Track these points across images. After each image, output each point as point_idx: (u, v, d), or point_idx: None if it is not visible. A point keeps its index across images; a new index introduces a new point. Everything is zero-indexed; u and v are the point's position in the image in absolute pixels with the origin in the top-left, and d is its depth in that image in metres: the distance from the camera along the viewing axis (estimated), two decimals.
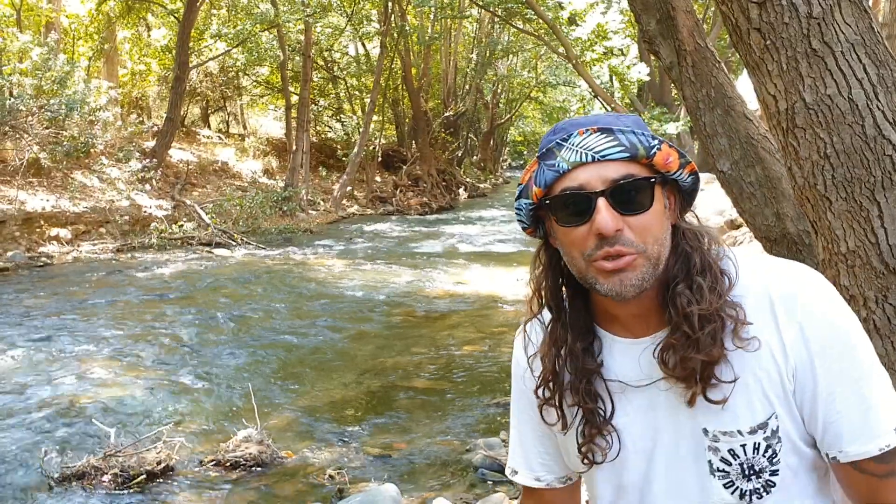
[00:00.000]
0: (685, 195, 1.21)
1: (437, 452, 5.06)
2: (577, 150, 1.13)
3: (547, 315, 1.28)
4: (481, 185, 31.09)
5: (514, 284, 10.90)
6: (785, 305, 1.13)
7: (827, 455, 1.14)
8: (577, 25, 14.14)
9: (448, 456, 5.00)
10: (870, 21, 2.32)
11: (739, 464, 1.14)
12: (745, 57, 2.47)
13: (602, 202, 1.10)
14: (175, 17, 19.51)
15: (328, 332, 8.25)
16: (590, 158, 1.12)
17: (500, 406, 5.86)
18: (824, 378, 1.11)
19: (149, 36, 22.72)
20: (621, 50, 15.31)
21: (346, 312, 9.13)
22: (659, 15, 4.39)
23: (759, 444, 1.13)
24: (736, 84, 4.74)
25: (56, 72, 13.72)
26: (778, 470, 1.14)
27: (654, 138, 1.15)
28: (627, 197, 1.11)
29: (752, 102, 4.04)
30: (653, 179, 1.13)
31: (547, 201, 1.17)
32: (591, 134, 1.13)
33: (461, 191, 27.79)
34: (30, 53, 13.58)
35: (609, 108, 15.51)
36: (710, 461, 1.16)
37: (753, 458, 1.13)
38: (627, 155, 1.12)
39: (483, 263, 12.85)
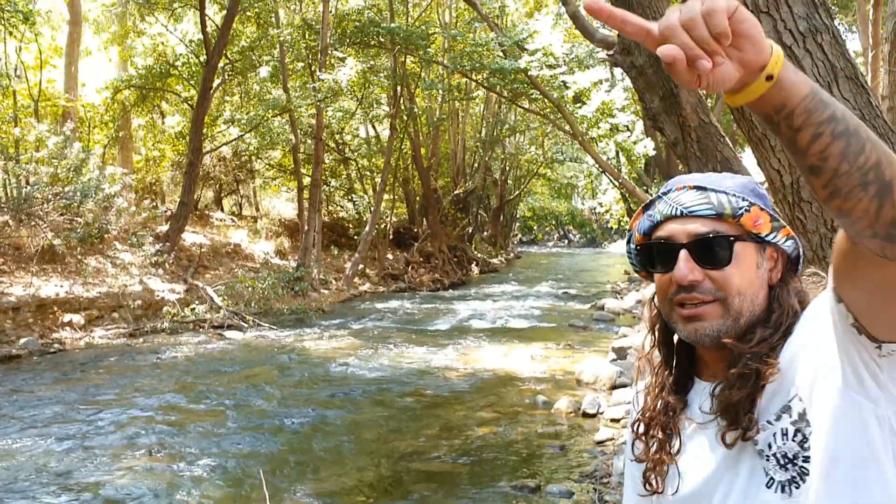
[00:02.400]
0: (792, 260, 1.28)
1: None
2: (670, 204, 1.25)
3: (656, 355, 1.37)
4: (493, 261, 31.15)
5: (529, 361, 10.79)
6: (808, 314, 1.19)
7: (835, 301, 1.07)
8: (583, 104, 14.38)
9: None
10: (868, 96, 2.34)
11: (773, 454, 1.15)
12: (748, 133, 2.50)
13: (683, 253, 1.21)
14: (189, 104, 19.99)
15: (341, 414, 8.14)
16: (678, 212, 1.23)
17: (518, 489, 5.72)
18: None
19: (163, 123, 23.26)
20: (627, 126, 15.51)
21: (359, 394, 9.03)
22: (662, 92, 4.46)
23: (786, 429, 1.14)
24: (742, 158, 4.78)
25: (71, 160, 14.00)
26: (809, 457, 1.11)
27: (744, 200, 1.22)
28: (708, 251, 1.20)
29: (757, 174, 4.05)
30: (732, 238, 1.21)
31: (638, 247, 1.31)
32: (688, 191, 1.24)
33: (473, 266, 27.84)
34: (46, 142, 13.88)
35: (616, 184, 15.64)
36: (764, 468, 1.17)
37: (784, 444, 1.14)
38: (714, 213, 1.21)
39: (497, 340, 12.75)
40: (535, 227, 57.15)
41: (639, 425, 1.36)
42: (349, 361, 10.86)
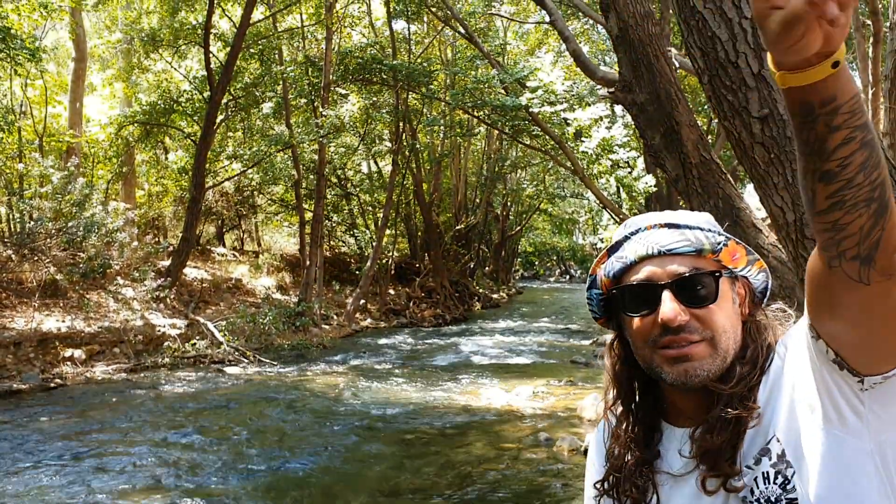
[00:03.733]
0: (757, 293, 1.25)
1: None
2: (644, 244, 1.19)
3: (619, 408, 1.31)
4: (494, 296, 31.12)
5: (531, 398, 10.71)
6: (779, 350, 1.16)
7: (812, 338, 1.04)
8: (583, 140, 14.47)
9: None
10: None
11: (756, 499, 1.11)
12: (751, 171, 2.51)
13: (667, 294, 1.15)
14: (192, 139, 20.14)
15: (341, 451, 8.07)
16: (656, 252, 1.18)
17: None
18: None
19: (166, 158, 23.40)
20: (627, 162, 15.60)
21: (359, 430, 8.96)
22: (663, 129, 4.49)
23: (767, 472, 1.10)
24: (744, 194, 4.79)
25: (75, 195, 14.06)
26: (795, 499, 1.08)
27: (720, 234, 1.20)
28: (692, 290, 1.16)
29: (760, 210, 4.06)
30: (717, 274, 1.17)
31: (614, 291, 1.23)
32: (659, 229, 1.20)
33: (475, 301, 27.80)
34: (50, 178, 13.95)
35: (618, 220, 15.68)
36: None
37: (766, 488, 1.10)
38: (693, 249, 1.17)
39: (499, 376, 12.68)
40: (536, 263, 57.20)
41: (605, 482, 1.29)
42: (350, 397, 10.79)
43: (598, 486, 1.30)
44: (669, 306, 1.13)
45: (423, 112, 23.17)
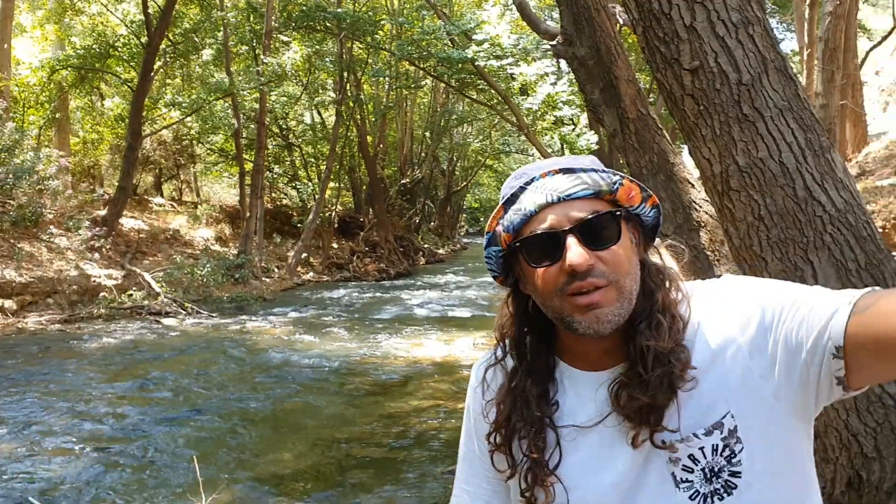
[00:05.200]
0: (648, 230, 1.24)
1: None
2: (543, 192, 1.15)
3: (510, 362, 1.28)
4: (439, 251, 31.21)
5: (471, 349, 10.85)
6: (722, 311, 1.14)
7: (831, 355, 1.04)
8: (529, 96, 14.47)
9: None
10: (796, 88, 2.40)
11: (701, 469, 1.11)
12: (681, 122, 2.54)
13: (572, 239, 1.11)
14: (129, 86, 19.51)
15: (279, 402, 8.07)
16: (556, 199, 1.14)
17: (454, 473, 5.76)
18: (779, 308, 1.09)
19: (102, 105, 22.64)
20: (571, 119, 15.67)
21: (298, 382, 8.96)
22: (602, 84, 4.51)
23: (717, 445, 1.11)
24: (683, 152, 4.86)
25: (4, 140, 13.54)
26: (739, 472, 1.10)
27: (615, 174, 1.17)
28: (595, 232, 1.13)
29: (695, 169, 4.14)
30: (618, 213, 1.15)
31: (517, 244, 1.17)
32: (554, 175, 1.16)
33: (419, 256, 27.84)
34: None
35: None
36: (672, 474, 1.13)
37: (713, 459, 1.11)
38: (591, 192, 1.15)
39: (441, 329, 12.79)
40: (481, 219, 57.45)
41: (496, 437, 1.25)
42: (290, 349, 10.77)
43: (490, 439, 1.26)
44: (576, 251, 1.10)
45: (368, 62, 22.84)
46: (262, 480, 5.70)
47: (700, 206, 3.97)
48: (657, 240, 1.28)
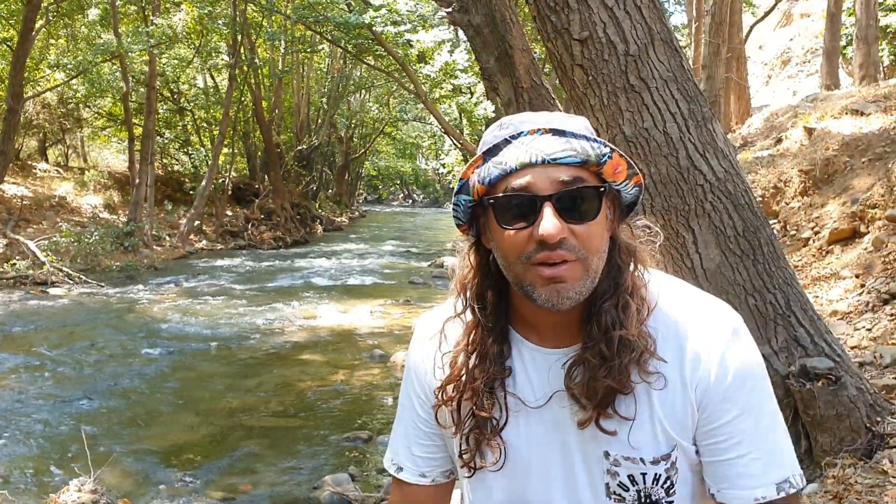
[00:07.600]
0: (625, 206, 1.19)
1: (283, 492, 4.91)
2: (527, 151, 1.08)
3: (468, 316, 1.23)
4: (337, 219, 30.88)
5: (370, 317, 10.84)
6: (700, 344, 1.12)
7: (710, 489, 1.15)
8: (426, 63, 14.41)
9: (295, 495, 4.86)
10: (681, 59, 2.48)
11: (637, 490, 1.13)
12: (571, 92, 2.59)
13: (549, 208, 1.06)
14: (8, 45, 18.34)
15: (169, 373, 7.85)
16: (540, 160, 1.07)
17: (350, 441, 5.78)
18: (734, 420, 1.11)
19: None
20: (469, 88, 15.72)
21: (190, 352, 8.74)
22: (497, 53, 4.54)
23: (659, 475, 1.12)
24: None
25: None
26: (673, 501, 1.14)
27: (605, 146, 1.11)
28: (574, 204, 1.07)
29: None
30: (602, 189, 1.10)
31: (490, 200, 1.11)
32: (543, 134, 1.08)
33: (317, 224, 27.46)
34: None
35: (458, 145, 15.89)
36: (607, 484, 1.15)
37: (652, 488, 1.12)
38: (578, 160, 1.08)
39: (337, 297, 12.70)
40: (380, 187, 57.17)
41: (449, 389, 1.21)
42: (182, 319, 10.48)
43: (441, 392, 1.22)
44: (551, 222, 1.05)
45: (263, 25, 22.18)
46: (152, 453, 5.56)
47: None
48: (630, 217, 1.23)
